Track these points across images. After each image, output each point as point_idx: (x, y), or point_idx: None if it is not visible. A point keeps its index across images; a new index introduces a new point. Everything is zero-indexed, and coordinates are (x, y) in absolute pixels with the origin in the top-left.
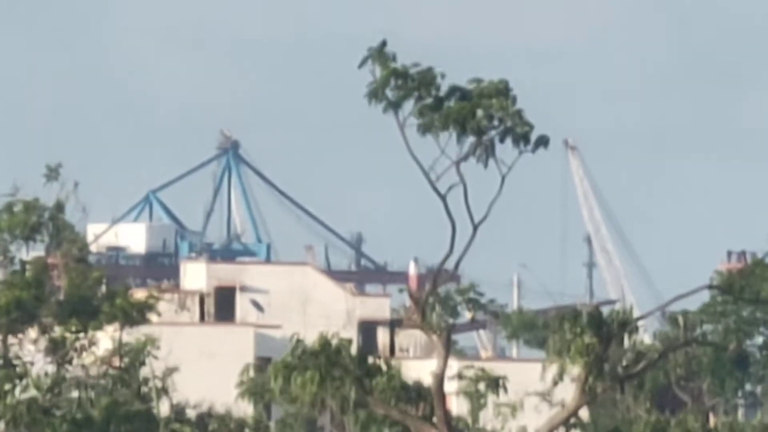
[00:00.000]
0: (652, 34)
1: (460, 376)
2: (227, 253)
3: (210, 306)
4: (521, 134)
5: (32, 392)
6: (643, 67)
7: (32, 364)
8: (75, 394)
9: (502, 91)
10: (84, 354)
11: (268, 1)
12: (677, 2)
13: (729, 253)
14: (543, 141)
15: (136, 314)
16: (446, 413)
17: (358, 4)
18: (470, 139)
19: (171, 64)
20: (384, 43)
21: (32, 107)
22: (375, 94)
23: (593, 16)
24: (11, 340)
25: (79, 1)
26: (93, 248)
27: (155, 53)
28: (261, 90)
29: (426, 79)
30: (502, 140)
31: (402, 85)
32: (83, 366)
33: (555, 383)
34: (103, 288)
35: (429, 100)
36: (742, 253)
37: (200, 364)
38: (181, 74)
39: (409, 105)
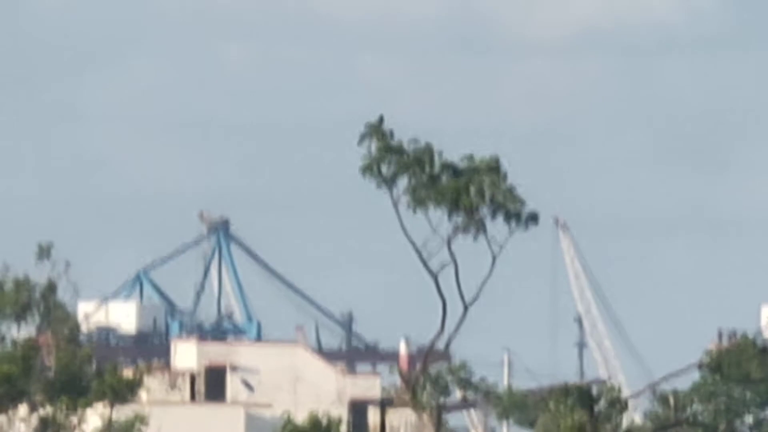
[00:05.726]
0: (641, 114)
1: None
2: (218, 332)
3: (200, 385)
4: (512, 212)
5: None
6: (632, 149)
7: None
8: None
9: (494, 167)
10: None
11: (262, 84)
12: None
13: (720, 333)
14: (533, 218)
15: (125, 391)
16: None
17: (348, 85)
18: (461, 216)
19: (164, 145)
20: (381, 119)
21: (20, 189)
22: (370, 168)
23: (584, 95)
24: (1, 417)
25: (67, 83)
26: (83, 327)
27: (147, 134)
28: (251, 169)
29: (421, 156)
30: (493, 217)
31: (397, 161)
32: None
33: None
34: (93, 366)
35: (423, 177)
36: (733, 333)
37: None
38: (174, 154)
39: (402, 181)
